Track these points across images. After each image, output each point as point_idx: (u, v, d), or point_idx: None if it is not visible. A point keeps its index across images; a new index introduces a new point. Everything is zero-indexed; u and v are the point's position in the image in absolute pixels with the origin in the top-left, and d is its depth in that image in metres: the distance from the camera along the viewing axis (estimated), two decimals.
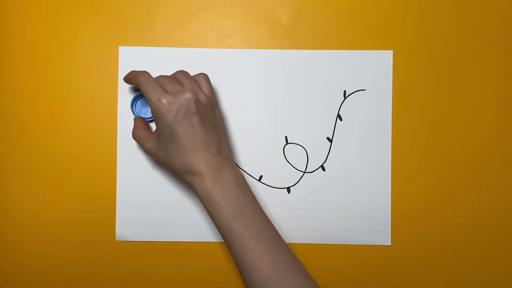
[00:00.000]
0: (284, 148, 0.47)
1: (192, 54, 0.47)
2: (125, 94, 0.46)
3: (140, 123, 0.45)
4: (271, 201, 0.46)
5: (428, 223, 0.46)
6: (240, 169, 0.45)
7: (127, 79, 0.43)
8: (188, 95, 0.39)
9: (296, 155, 0.47)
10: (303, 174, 0.47)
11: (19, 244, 0.47)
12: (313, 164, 0.47)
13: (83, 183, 0.46)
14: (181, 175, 0.40)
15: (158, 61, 0.47)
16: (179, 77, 0.41)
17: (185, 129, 0.38)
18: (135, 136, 0.44)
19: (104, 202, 0.46)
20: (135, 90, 0.47)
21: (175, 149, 0.39)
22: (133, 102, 0.46)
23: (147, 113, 0.46)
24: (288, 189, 0.47)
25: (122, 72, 0.46)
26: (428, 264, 0.46)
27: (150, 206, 0.46)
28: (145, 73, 0.41)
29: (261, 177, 0.47)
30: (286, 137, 0.47)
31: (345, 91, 0.47)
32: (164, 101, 0.38)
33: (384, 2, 0.47)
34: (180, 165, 0.39)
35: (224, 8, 0.47)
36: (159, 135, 0.40)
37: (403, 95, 0.46)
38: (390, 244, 0.46)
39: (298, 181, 0.47)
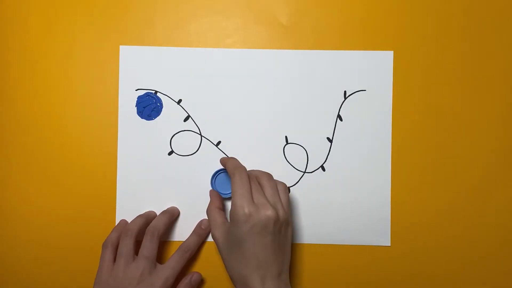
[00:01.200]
0: (284, 148, 0.47)
1: (192, 54, 0.47)
2: (125, 94, 0.46)
3: (217, 202, 0.44)
4: None
5: (428, 223, 0.46)
6: None
7: (224, 163, 0.44)
8: (270, 213, 0.38)
9: (296, 155, 0.47)
10: (303, 174, 0.47)
11: (19, 245, 0.47)
12: (313, 164, 0.47)
13: (83, 183, 0.46)
14: (234, 282, 0.39)
15: (158, 61, 0.47)
16: (263, 182, 0.41)
17: (255, 245, 0.38)
18: (209, 214, 0.43)
19: (104, 202, 0.46)
20: (136, 90, 0.47)
21: (238, 257, 0.38)
22: (215, 175, 0.46)
23: (226, 189, 0.46)
24: (288, 189, 0.47)
25: (123, 71, 0.46)
26: (428, 264, 0.46)
27: (150, 208, 0.46)
28: (242, 171, 0.41)
29: None
30: (286, 137, 0.47)
31: (345, 92, 0.47)
32: (246, 210, 0.38)
33: (385, 2, 0.46)
34: (237, 274, 0.39)
35: (224, 8, 0.47)
36: (230, 233, 0.39)
37: (403, 95, 0.46)
38: (390, 245, 0.46)
39: (298, 181, 0.47)
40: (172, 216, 0.45)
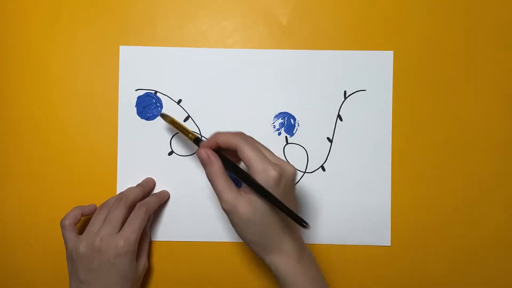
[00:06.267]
0: (284, 148, 0.47)
1: (192, 54, 0.47)
2: (125, 94, 0.46)
3: (221, 166, 0.38)
4: None
5: (428, 223, 0.46)
6: None
7: (217, 140, 0.38)
8: (292, 167, 0.37)
9: (296, 155, 0.47)
10: (303, 174, 0.47)
11: (19, 245, 0.47)
12: (313, 164, 0.47)
13: (83, 183, 0.46)
14: (259, 250, 0.38)
15: (158, 61, 0.47)
16: (257, 144, 0.38)
17: (287, 204, 0.35)
18: (220, 184, 0.37)
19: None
20: (136, 90, 0.47)
21: (273, 222, 0.37)
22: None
23: None
24: None
25: (123, 71, 0.46)
26: (428, 264, 0.46)
27: None
28: (247, 137, 0.38)
29: None
30: (286, 137, 0.47)
31: (345, 92, 0.47)
32: (273, 173, 0.35)
33: (385, 2, 0.46)
34: (267, 240, 0.37)
35: (224, 8, 0.47)
36: (256, 202, 0.36)
37: (403, 95, 0.46)
38: (390, 245, 0.46)
39: (298, 181, 0.47)
40: (163, 198, 0.46)
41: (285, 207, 0.34)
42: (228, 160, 0.38)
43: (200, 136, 0.41)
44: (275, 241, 0.37)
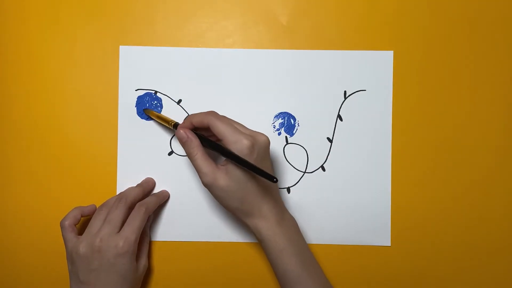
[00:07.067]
0: (284, 148, 0.47)
1: (192, 54, 0.47)
2: (125, 94, 0.46)
3: (197, 140, 0.40)
4: None
5: (428, 223, 0.46)
6: None
7: (190, 122, 0.40)
8: (264, 137, 0.39)
9: (296, 155, 0.47)
10: (303, 174, 0.47)
11: (19, 245, 0.47)
12: (313, 164, 0.47)
13: (83, 183, 0.46)
14: (242, 216, 0.40)
15: (158, 61, 0.47)
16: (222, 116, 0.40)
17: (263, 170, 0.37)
18: (199, 160, 0.39)
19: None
20: (136, 90, 0.47)
21: (248, 189, 0.39)
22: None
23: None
24: (288, 189, 0.47)
25: (123, 71, 0.46)
26: (428, 264, 0.46)
27: None
28: (216, 113, 0.40)
29: None
30: (286, 137, 0.47)
31: (345, 91, 0.47)
32: (246, 142, 0.37)
33: (385, 2, 0.46)
34: (248, 206, 0.39)
35: (224, 8, 0.47)
36: (233, 171, 0.38)
37: (403, 95, 0.46)
38: (390, 245, 0.46)
39: (298, 181, 0.47)
40: (163, 198, 0.46)
41: (256, 167, 0.36)
42: (204, 137, 0.40)
43: (177, 122, 0.43)
44: (255, 205, 0.39)
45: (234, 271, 0.46)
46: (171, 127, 0.43)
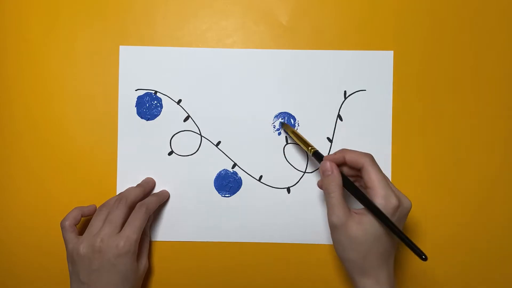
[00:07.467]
0: (284, 148, 0.47)
1: (192, 54, 0.47)
2: (125, 94, 0.46)
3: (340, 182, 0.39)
4: (271, 201, 0.46)
5: (428, 223, 0.46)
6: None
7: (352, 160, 0.39)
8: (409, 201, 0.38)
9: (296, 155, 0.47)
10: (303, 174, 0.47)
11: (19, 245, 0.47)
12: (313, 164, 0.47)
13: (83, 183, 0.46)
14: (355, 271, 0.38)
15: (158, 61, 0.47)
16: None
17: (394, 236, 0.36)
18: (336, 202, 0.38)
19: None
20: (136, 90, 0.47)
21: (379, 249, 0.37)
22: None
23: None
24: (288, 189, 0.47)
25: (123, 71, 0.46)
26: (428, 264, 0.46)
27: None
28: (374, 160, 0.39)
29: (261, 177, 0.47)
30: (286, 137, 0.47)
31: (345, 91, 0.47)
32: (394, 201, 0.36)
33: (385, 2, 0.46)
34: (367, 264, 0.37)
35: (224, 8, 0.47)
36: (370, 224, 0.37)
37: (403, 95, 0.46)
38: None
39: (298, 181, 0.47)
40: (163, 198, 0.46)
41: (405, 236, 0.35)
42: (348, 179, 0.39)
43: (317, 150, 0.42)
44: (375, 266, 0.37)
45: (234, 271, 0.47)
46: (310, 153, 0.42)
